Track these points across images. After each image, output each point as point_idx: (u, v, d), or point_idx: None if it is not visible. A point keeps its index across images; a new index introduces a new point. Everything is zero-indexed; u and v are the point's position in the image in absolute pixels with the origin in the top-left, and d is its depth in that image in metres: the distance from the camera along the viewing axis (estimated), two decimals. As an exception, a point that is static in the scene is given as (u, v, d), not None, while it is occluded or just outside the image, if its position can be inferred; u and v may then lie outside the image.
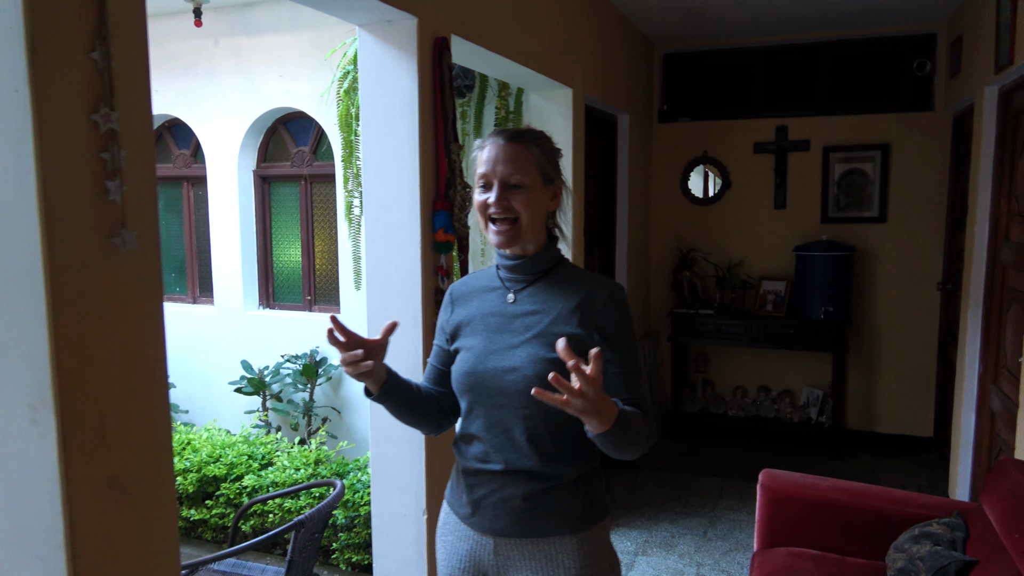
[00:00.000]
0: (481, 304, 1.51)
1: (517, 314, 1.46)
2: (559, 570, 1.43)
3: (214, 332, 4.46)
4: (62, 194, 1.14)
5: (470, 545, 1.50)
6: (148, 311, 1.30)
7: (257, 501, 2.98)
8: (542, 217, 1.46)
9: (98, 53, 1.18)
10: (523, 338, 1.43)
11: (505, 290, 1.49)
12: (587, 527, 1.45)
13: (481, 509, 1.47)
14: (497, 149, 1.42)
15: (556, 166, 1.49)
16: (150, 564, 1.31)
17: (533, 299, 1.46)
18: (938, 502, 2.63)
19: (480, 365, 1.44)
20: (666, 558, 3.49)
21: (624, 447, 1.32)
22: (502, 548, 1.46)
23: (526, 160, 1.41)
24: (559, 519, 1.43)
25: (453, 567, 1.52)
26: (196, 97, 4.34)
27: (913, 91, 4.68)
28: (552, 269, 1.48)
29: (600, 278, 1.47)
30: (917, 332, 4.78)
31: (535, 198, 1.42)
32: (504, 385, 1.41)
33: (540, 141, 1.46)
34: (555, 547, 1.43)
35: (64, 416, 1.16)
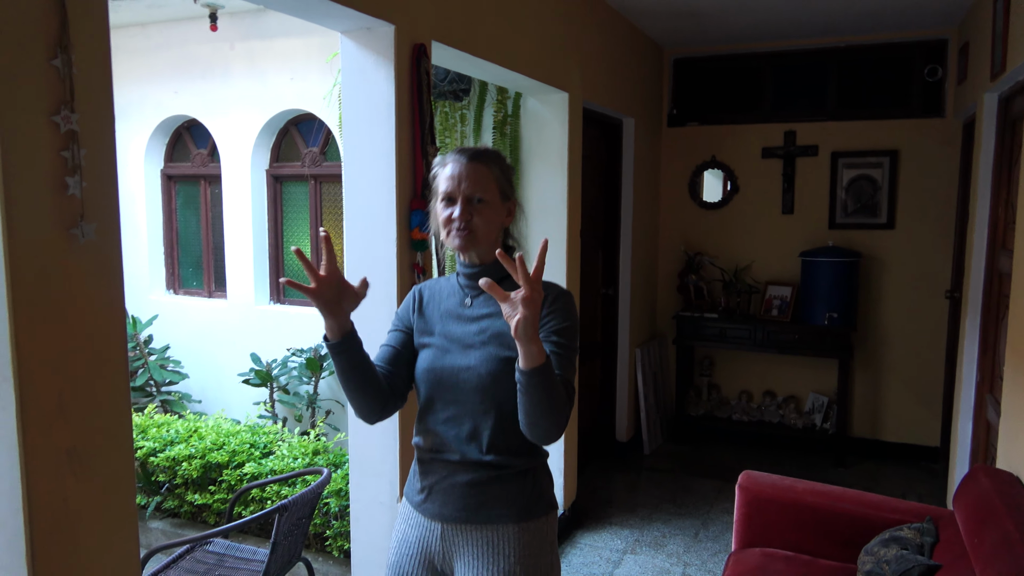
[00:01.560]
0: (442, 306, 1.62)
1: (473, 317, 1.56)
2: (499, 557, 1.50)
3: (226, 325, 4.62)
4: (22, 188, 1.26)
5: (420, 532, 1.58)
6: (107, 297, 1.41)
7: (252, 487, 3.11)
8: (497, 230, 1.58)
9: (59, 60, 1.29)
10: (479, 339, 1.53)
11: (463, 295, 1.60)
12: (530, 519, 1.53)
13: (432, 495, 1.56)
14: (460, 168, 1.52)
15: (511, 185, 1.61)
16: (108, 530, 1.42)
17: (488, 304, 1.55)
18: (912, 507, 2.64)
19: (439, 363, 1.55)
20: (654, 557, 3.53)
21: (546, 404, 1.35)
22: (448, 534, 1.54)
23: (487, 178, 1.53)
24: (503, 507, 1.52)
25: (402, 554, 1.60)
26: (212, 99, 4.50)
27: (923, 97, 4.64)
28: (507, 277, 1.53)
29: (550, 285, 1.55)
30: (924, 340, 4.73)
31: (493, 213, 1.54)
32: (460, 382, 1.52)
33: (498, 161, 1.59)
34: (497, 534, 1.51)
35: (23, 391, 1.27)
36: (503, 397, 1.48)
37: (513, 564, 1.50)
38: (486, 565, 1.50)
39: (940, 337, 4.68)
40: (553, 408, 1.38)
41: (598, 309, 4.62)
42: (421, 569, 1.58)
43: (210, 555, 2.90)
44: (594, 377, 4.62)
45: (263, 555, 2.85)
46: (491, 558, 1.50)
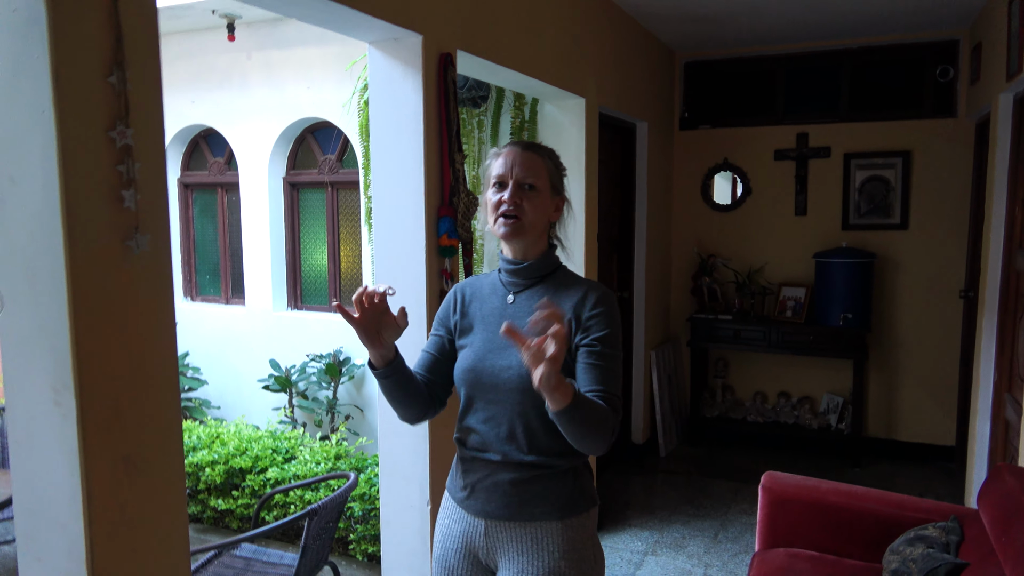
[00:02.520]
0: (484, 304, 1.62)
1: (515, 315, 1.55)
2: (543, 553, 1.52)
3: (245, 332, 4.66)
4: (82, 202, 1.29)
5: (464, 527, 1.60)
6: (159, 306, 1.44)
7: (277, 491, 3.14)
8: (545, 223, 1.57)
9: (115, 77, 1.33)
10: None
11: (506, 291, 1.60)
12: (572, 515, 1.54)
13: (475, 492, 1.57)
14: (515, 155, 1.55)
15: (562, 182, 1.62)
16: (160, 533, 1.46)
17: (530, 301, 1.54)
18: (936, 506, 2.66)
19: (480, 363, 1.55)
20: (675, 558, 3.55)
21: (584, 433, 1.37)
22: (492, 530, 1.56)
23: (540, 168, 1.55)
24: (546, 505, 1.53)
25: (447, 548, 1.63)
26: (230, 108, 4.55)
27: (935, 98, 4.66)
28: (551, 274, 1.59)
29: (593, 284, 1.57)
30: (939, 340, 4.75)
31: (543, 202, 1.55)
32: (501, 382, 1.52)
33: (552, 156, 1.61)
34: (541, 531, 1.53)
35: (83, 399, 1.31)
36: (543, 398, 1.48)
37: (557, 560, 1.51)
38: (531, 561, 1.52)
39: (955, 337, 4.70)
40: (594, 432, 1.39)
41: (613, 312, 4.64)
42: (466, 563, 1.61)
43: (238, 560, 2.93)
44: (610, 380, 4.64)
45: (290, 559, 2.88)
46: (535, 554, 1.52)
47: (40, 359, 1.32)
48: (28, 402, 1.35)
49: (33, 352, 1.32)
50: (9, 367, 1.36)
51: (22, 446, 1.37)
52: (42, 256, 1.29)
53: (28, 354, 1.33)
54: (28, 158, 1.28)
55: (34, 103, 1.25)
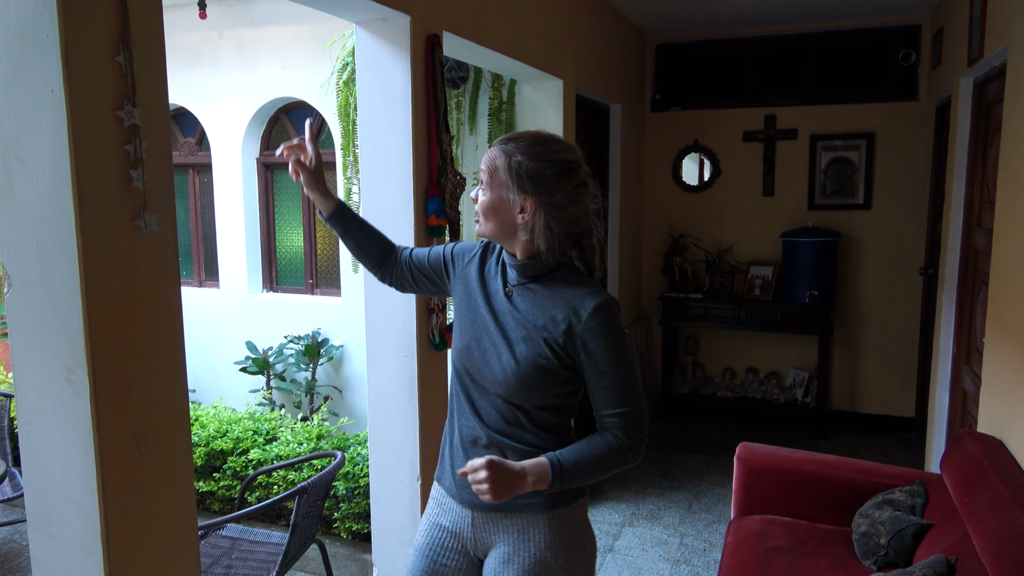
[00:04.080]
0: (490, 287, 1.56)
1: (510, 310, 1.51)
2: (529, 543, 1.52)
3: (220, 314, 4.63)
4: (92, 181, 1.30)
5: (452, 518, 1.61)
6: (166, 284, 1.46)
7: (262, 472, 3.16)
8: (506, 224, 1.47)
9: (122, 57, 1.33)
10: (513, 335, 1.49)
11: (503, 282, 1.55)
12: (560, 506, 1.53)
13: (463, 483, 1.56)
14: (488, 151, 1.53)
15: (527, 181, 1.43)
16: (170, 508, 1.48)
17: (526, 299, 1.50)
18: (902, 472, 2.80)
19: (473, 352, 1.53)
20: (651, 528, 3.67)
21: (591, 480, 1.46)
22: (479, 521, 1.57)
23: (493, 166, 1.47)
24: (534, 497, 1.50)
25: (433, 539, 1.63)
26: (201, 87, 4.48)
27: (898, 81, 4.81)
28: (548, 274, 1.49)
29: (591, 292, 1.45)
30: (899, 316, 4.93)
31: (494, 203, 1.46)
32: (491, 376, 1.50)
33: (516, 152, 1.45)
34: (527, 522, 1.53)
35: (95, 376, 1.32)
36: (532, 393, 1.47)
37: (543, 550, 1.51)
38: (517, 551, 1.53)
39: (914, 313, 4.88)
40: (600, 475, 1.45)
41: (588, 291, 4.72)
42: (453, 554, 1.61)
43: (224, 539, 2.94)
44: (585, 358, 4.72)
45: (277, 538, 2.91)
46: (521, 544, 1.53)
47: (52, 337, 1.33)
48: (39, 381, 1.36)
49: (44, 331, 1.33)
50: (18, 346, 1.37)
51: (32, 424, 1.38)
52: (52, 235, 1.30)
53: (39, 333, 1.34)
54: (37, 137, 1.28)
55: (44, 82, 1.26)
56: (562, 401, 1.52)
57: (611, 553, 3.42)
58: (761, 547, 2.58)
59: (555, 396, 1.50)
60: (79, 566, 1.38)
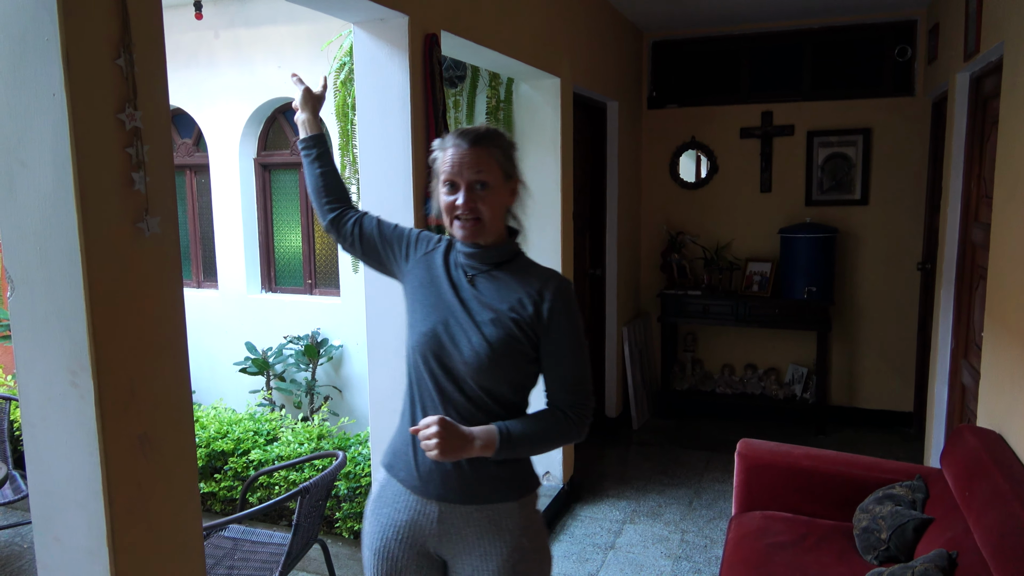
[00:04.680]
0: (443, 273, 1.58)
1: (475, 295, 1.53)
2: (504, 533, 1.52)
3: (219, 315, 4.63)
4: (94, 184, 1.30)
5: (412, 516, 1.55)
6: (169, 287, 1.46)
7: (264, 472, 3.16)
8: (503, 213, 1.56)
9: (122, 59, 1.33)
10: (479, 318, 1.51)
11: (464, 272, 1.57)
12: (526, 494, 1.57)
13: (431, 476, 1.53)
14: (463, 154, 1.49)
15: (514, 165, 1.57)
16: (175, 509, 1.49)
17: (490, 285, 1.54)
18: (902, 467, 2.81)
19: (436, 338, 1.51)
20: (652, 525, 3.67)
21: (537, 452, 1.55)
22: (447, 516, 1.53)
23: (489, 162, 1.50)
24: (502, 486, 1.53)
25: (388, 539, 1.57)
26: (198, 88, 4.47)
27: (894, 77, 4.82)
28: (508, 261, 1.57)
29: (552, 275, 1.56)
30: (897, 311, 4.94)
31: (497, 196, 1.52)
32: (460, 358, 1.49)
33: (499, 141, 1.54)
34: (498, 512, 1.53)
35: (100, 379, 1.33)
36: (503, 373, 1.50)
37: (518, 537, 1.53)
38: (493, 543, 1.52)
39: (912, 308, 4.90)
40: (547, 447, 1.54)
41: (586, 290, 4.73)
42: (411, 553, 1.57)
43: (226, 540, 2.94)
44: (584, 356, 4.73)
45: (279, 538, 2.91)
46: (496, 536, 1.52)
47: (56, 340, 1.33)
48: (43, 384, 1.36)
49: (48, 334, 1.33)
50: (22, 349, 1.37)
51: (37, 428, 1.38)
52: (55, 239, 1.30)
53: (43, 336, 1.34)
54: (39, 141, 1.28)
55: (45, 86, 1.26)
56: (526, 382, 1.57)
57: (612, 550, 3.43)
58: (763, 543, 2.59)
59: (522, 376, 1.55)
60: (85, 569, 1.38)
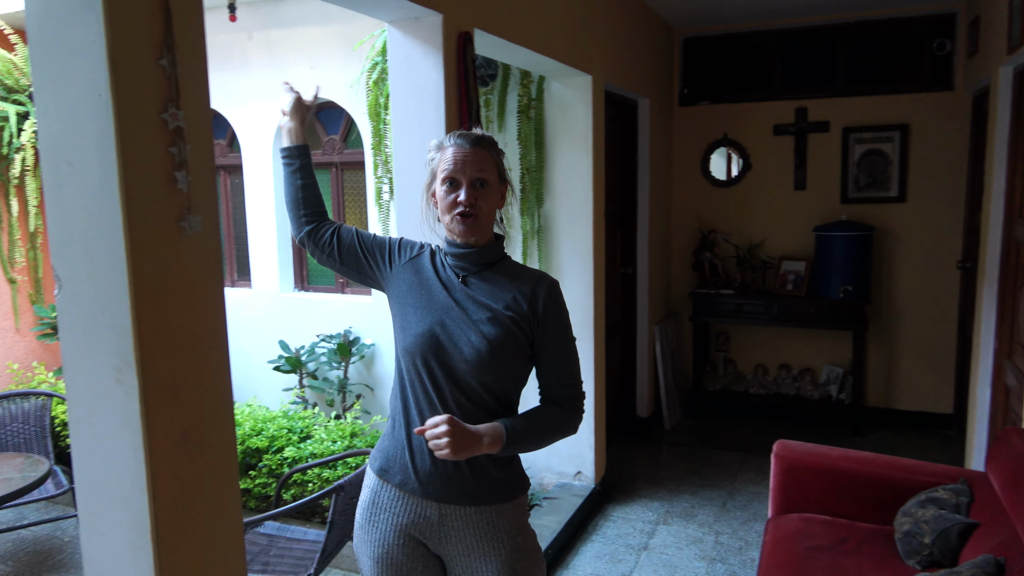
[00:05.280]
0: (433, 276, 1.60)
1: (469, 296, 1.56)
2: (500, 533, 1.56)
3: (252, 314, 4.68)
4: (138, 184, 1.32)
5: (411, 519, 1.57)
6: (211, 285, 1.47)
7: (298, 470, 3.19)
8: (495, 214, 1.62)
9: (165, 60, 1.35)
10: (476, 316, 1.53)
11: (455, 273, 1.59)
12: (519, 495, 1.62)
13: (431, 478, 1.54)
14: (464, 153, 1.54)
15: (504, 169, 1.64)
16: (216, 506, 1.50)
17: (483, 285, 1.58)
18: (945, 470, 2.74)
19: (433, 339, 1.53)
20: (686, 527, 3.64)
21: (538, 447, 1.59)
22: (447, 516, 1.55)
23: (489, 162, 1.57)
24: (499, 488, 1.58)
25: (391, 544, 1.57)
26: (231, 89, 4.52)
27: (932, 71, 4.71)
28: (497, 263, 1.61)
29: (541, 275, 1.62)
30: (937, 310, 4.84)
31: (493, 196, 1.58)
32: (460, 356, 1.51)
33: (495, 146, 1.61)
34: (495, 513, 1.57)
35: (144, 376, 1.34)
36: (503, 368, 1.54)
37: (514, 537, 1.58)
38: (491, 543, 1.55)
39: (952, 307, 4.79)
40: (547, 441, 1.59)
41: (617, 288, 4.70)
42: (416, 556, 1.58)
43: (261, 537, 2.97)
44: (614, 355, 4.71)
45: (313, 535, 2.93)
46: (494, 536, 1.56)
47: (101, 338, 1.35)
48: (89, 381, 1.38)
49: (94, 331, 1.35)
50: (68, 346, 1.39)
51: (83, 424, 1.40)
52: (101, 238, 1.32)
53: (88, 333, 1.36)
54: (85, 142, 1.30)
55: (91, 87, 1.27)
56: (521, 378, 1.61)
57: (646, 551, 3.40)
58: (801, 546, 2.55)
59: (519, 372, 1.59)
60: (129, 564, 1.40)
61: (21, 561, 3.43)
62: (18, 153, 4.16)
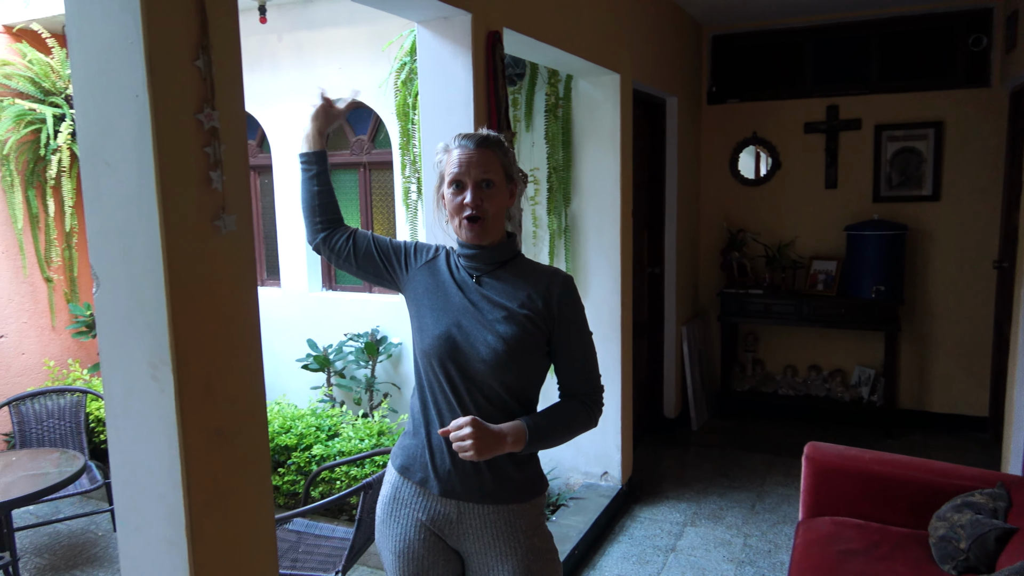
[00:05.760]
0: (448, 278, 1.61)
1: (484, 296, 1.57)
2: (517, 533, 1.58)
3: (281, 313, 4.72)
4: (174, 183, 1.34)
5: (430, 515, 1.59)
6: (244, 284, 1.49)
7: (326, 468, 3.22)
8: (504, 213, 1.61)
9: (201, 61, 1.36)
10: (491, 316, 1.54)
11: (468, 274, 1.60)
12: (537, 495, 1.63)
13: (451, 476, 1.57)
14: (469, 155, 1.55)
15: (513, 167, 1.63)
16: (249, 502, 1.51)
17: (496, 284, 1.58)
18: (981, 474, 2.68)
19: (450, 340, 1.54)
20: (714, 529, 3.60)
21: (559, 443, 1.59)
22: (466, 514, 1.57)
23: (494, 163, 1.56)
24: (518, 487, 1.59)
25: (411, 539, 1.60)
26: (261, 90, 4.57)
27: (968, 67, 4.62)
28: (510, 261, 1.61)
29: (555, 271, 1.61)
30: (972, 311, 4.74)
31: (500, 196, 1.57)
32: (477, 357, 1.52)
33: (500, 145, 1.60)
34: (513, 513, 1.58)
35: (179, 374, 1.36)
36: (520, 368, 1.54)
37: (531, 537, 1.59)
38: (508, 543, 1.57)
39: (988, 308, 4.69)
40: (567, 437, 1.59)
41: (644, 288, 4.67)
42: (436, 551, 1.61)
43: (291, 533, 3.00)
44: (641, 355, 4.68)
45: (341, 532, 2.95)
46: (510, 535, 1.57)
47: (137, 335, 1.37)
48: (125, 377, 1.40)
49: (130, 329, 1.37)
50: (106, 344, 1.41)
51: (120, 420, 1.42)
52: (138, 236, 1.34)
53: (125, 331, 1.38)
54: (123, 142, 1.32)
55: (128, 88, 1.29)
56: (539, 376, 1.61)
57: (673, 553, 3.37)
58: (833, 549, 2.51)
59: (536, 370, 1.59)
60: (164, 558, 1.42)
61: (57, 555, 3.51)
62: (55, 154, 4.24)
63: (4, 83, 4.24)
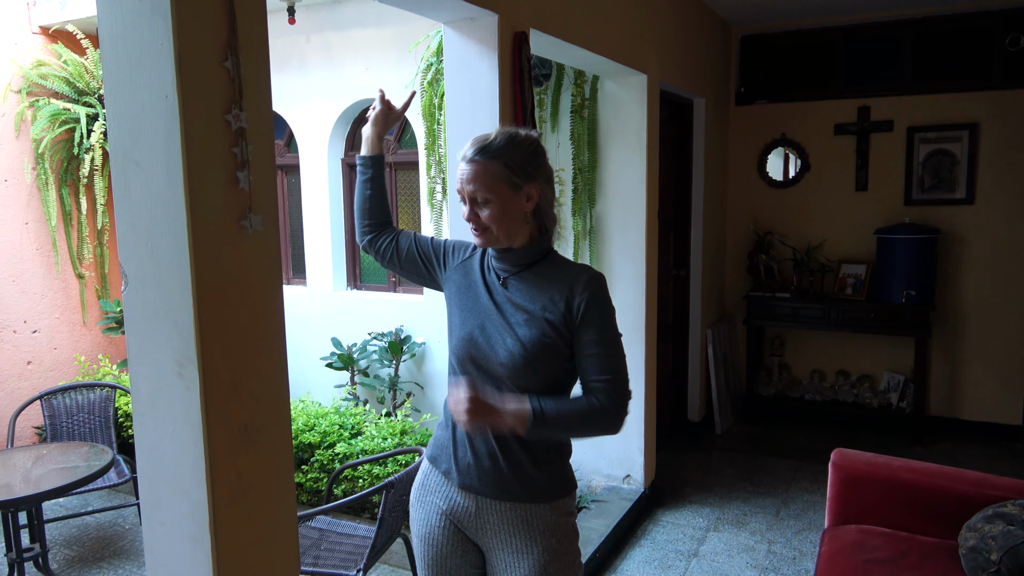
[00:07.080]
0: (479, 278, 1.64)
1: (508, 298, 1.58)
2: (535, 532, 1.58)
3: (306, 311, 4.76)
4: (202, 183, 1.35)
5: (450, 505, 1.64)
6: (270, 284, 1.50)
7: (349, 466, 3.24)
8: (516, 219, 1.54)
9: (230, 62, 1.37)
10: (513, 319, 1.55)
11: (496, 276, 1.61)
12: (560, 497, 1.61)
13: (470, 471, 1.60)
14: (463, 169, 1.54)
15: (525, 170, 1.53)
16: (272, 499, 1.53)
17: (521, 286, 1.58)
18: (1014, 484, 2.62)
19: (474, 342, 1.57)
20: (737, 534, 3.57)
21: (569, 436, 1.60)
22: (483, 509, 1.60)
23: (488, 176, 1.51)
24: (537, 488, 1.59)
25: (432, 526, 1.66)
26: (289, 90, 4.62)
27: (1004, 68, 4.52)
28: (539, 261, 1.59)
29: (582, 269, 1.57)
30: (1007, 317, 4.64)
31: (503, 207, 1.52)
32: (496, 360, 1.54)
33: (501, 152, 1.52)
34: (530, 512, 1.58)
35: (205, 372, 1.37)
36: (538, 372, 1.53)
37: (548, 537, 1.59)
38: (524, 541, 1.58)
39: (1022, 314, 4.58)
40: (578, 432, 1.56)
41: (669, 290, 4.64)
42: (455, 540, 1.65)
43: (313, 531, 3.02)
44: (666, 358, 4.65)
45: (363, 531, 2.97)
46: (527, 534, 1.58)
47: (164, 333, 1.38)
48: (152, 375, 1.41)
49: (157, 327, 1.39)
50: (133, 341, 1.43)
51: (146, 417, 1.44)
52: (165, 236, 1.35)
53: (152, 329, 1.40)
54: (152, 142, 1.33)
55: (158, 89, 1.31)
56: (565, 380, 1.58)
57: (696, 558, 3.34)
58: (859, 558, 2.47)
59: (560, 374, 1.56)
60: (188, 553, 1.43)
61: (85, 546, 3.57)
62: (87, 153, 4.32)
63: (40, 83, 4.32)
